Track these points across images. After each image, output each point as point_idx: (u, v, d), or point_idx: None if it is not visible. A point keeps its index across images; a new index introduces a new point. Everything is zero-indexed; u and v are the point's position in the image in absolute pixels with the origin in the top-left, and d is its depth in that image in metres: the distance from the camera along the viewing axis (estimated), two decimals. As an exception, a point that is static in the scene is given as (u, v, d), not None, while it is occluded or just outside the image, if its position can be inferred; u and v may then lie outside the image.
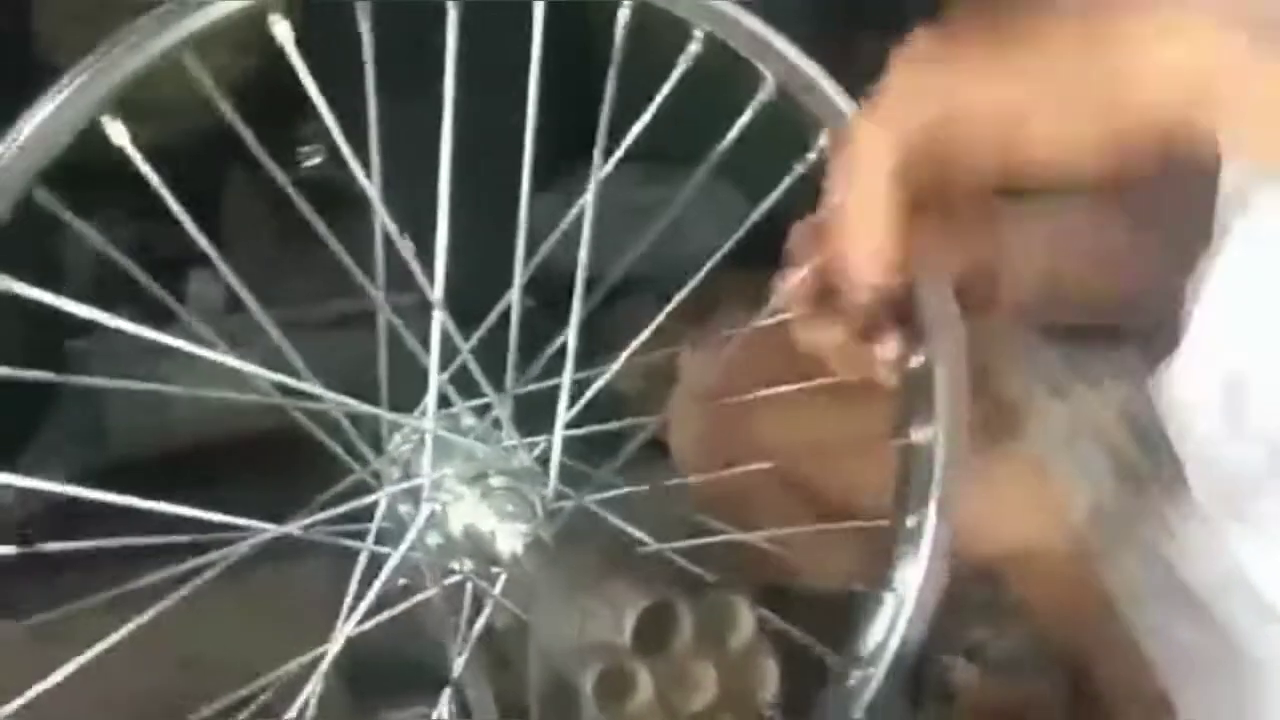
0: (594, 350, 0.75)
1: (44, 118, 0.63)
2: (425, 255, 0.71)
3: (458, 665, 0.75)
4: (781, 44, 0.71)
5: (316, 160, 1.96)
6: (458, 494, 0.71)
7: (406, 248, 0.71)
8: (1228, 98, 0.63)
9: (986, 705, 1.10)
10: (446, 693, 0.75)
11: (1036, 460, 0.95)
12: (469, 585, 0.73)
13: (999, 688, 1.09)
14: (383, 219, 0.70)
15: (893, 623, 0.79)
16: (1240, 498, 0.84)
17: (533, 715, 0.64)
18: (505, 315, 0.74)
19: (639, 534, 0.75)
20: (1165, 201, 0.91)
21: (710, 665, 0.60)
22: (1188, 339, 0.89)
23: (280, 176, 0.70)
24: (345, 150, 0.69)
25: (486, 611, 0.73)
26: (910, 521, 0.79)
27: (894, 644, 0.79)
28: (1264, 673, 0.82)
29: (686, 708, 0.60)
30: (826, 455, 0.96)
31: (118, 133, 0.64)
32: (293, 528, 0.71)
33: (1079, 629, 0.95)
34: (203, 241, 0.69)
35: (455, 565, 0.72)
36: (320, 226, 0.70)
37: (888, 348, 0.75)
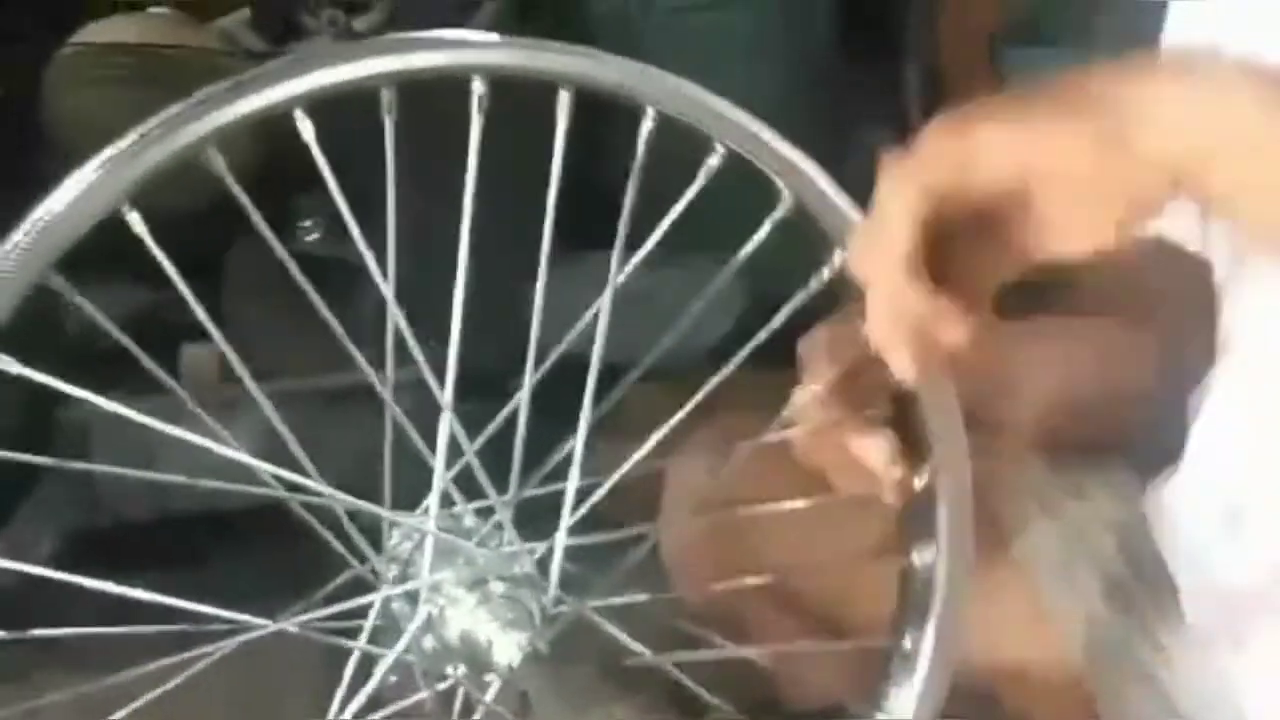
0: (592, 435, 0.75)
1: (65, 205, 0.63)
2: (421, 332, 0.71)
3: None
4: (802, 162, 0.72)
5: (316, 235, 1.96)
6: (455, 598, 0.71)
7: (416, 349, 0.71)
8: (1229, 160, 0.63)
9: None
10: None
11: (1027, 578, 0.95)
12: (461, 691, 0.73)
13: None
14: (396, 319, 0.70)
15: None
16: (1236, 622, 0.84)
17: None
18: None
19: (635, 645, 0.74)
20: (1172, 322, 0.91)
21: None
22: (1188, 459, 0.89)
23: (293, 268, 0.70)
24: (363, 249, 0.69)
25: (478, 718, 0.72)
26: (907, 643, 0.78)
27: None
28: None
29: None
30: (823, 571, 0.96)
31: (136, 223, 0.65)
32: (287, 624, 0.70)
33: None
34: (207, 322, 0.69)
35: (449, 670, 0.71)
36: (327, 314, 0.70)
37: (885, 460, 0.75)
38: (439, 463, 0.71)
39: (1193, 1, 0.93)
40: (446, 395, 0.70)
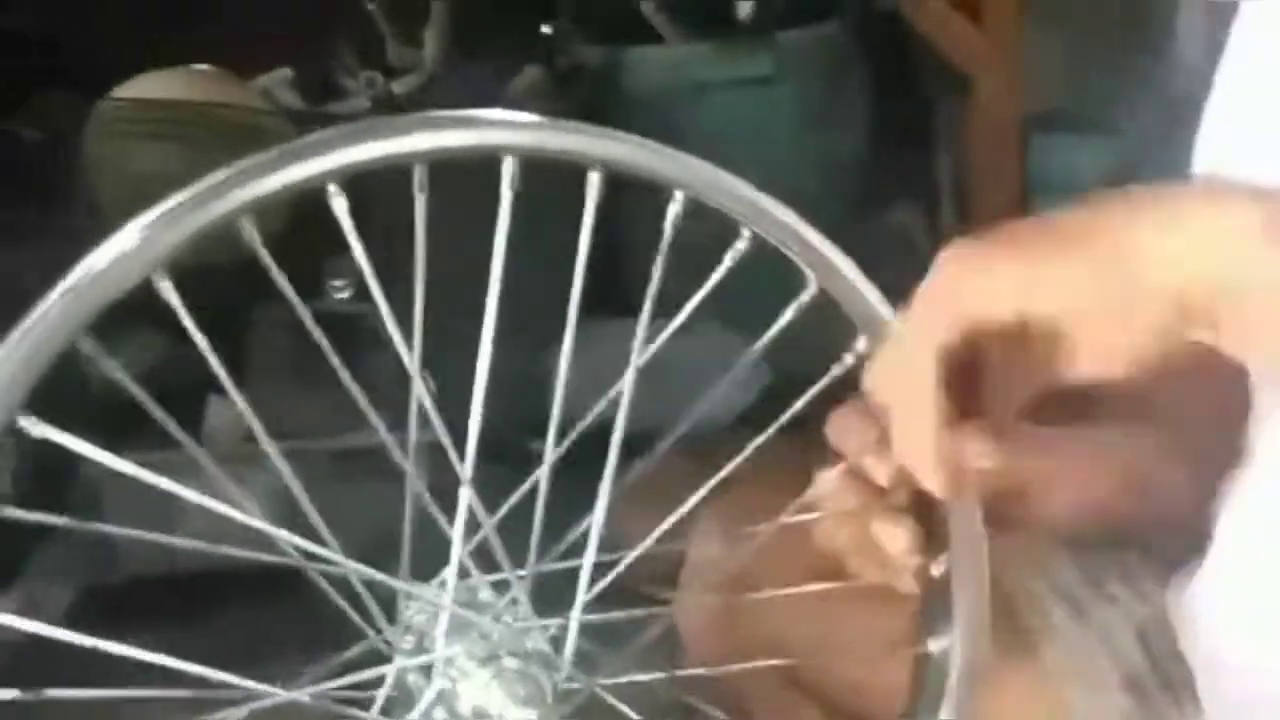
0: (612, 503, 0.74)
1: (98, 270, 0.64)
2: (442, 400, 0.71)
3: None
4: (830, 251, 0.72)
5: (348, 295, 1.97)
6: (468, 672, 0.71)
7: (437, 418, 0.71)
8: (1237, 295, 0.63)
9: None
10: None
11: (1049, 678, 0.94)
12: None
13: None
14: (420, 393, 0.71)
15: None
16: (1248, 713, 0.83)
17: None
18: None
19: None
20: (1199, 422, 0.91)
21: None
22: (1212, 559, 0.89)
23: (316, 332, 0.70)
24: (387, 318, 0.70)
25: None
26: (935, 646, 0.77)
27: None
28: None
29: None
30: (838, 658, 0.96)
31: (169, 292, 0.65)
32: (300, 693, 0.71)
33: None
34: (227, 383, 0.69)
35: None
36: (349, 381, 0.70)
37: (904, 548, 0.75)
38: (456, 536, 0.71)
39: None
40: (466, 469, 0.70)
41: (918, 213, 2.66)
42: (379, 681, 0.73)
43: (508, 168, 0.69)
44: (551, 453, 0.73)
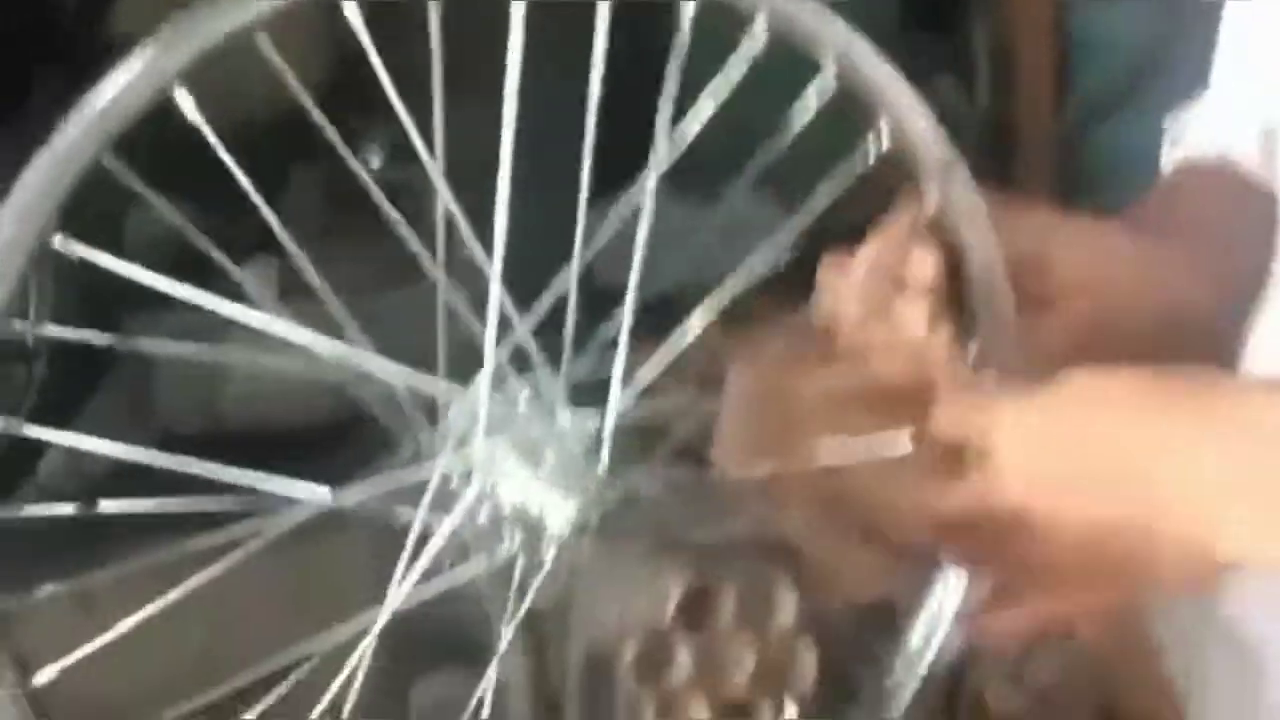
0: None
1: (118, 87, 0.65)
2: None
3: (503, 643, 0.75)
4: (843, 31, 0.72)
5: (377, 162, 1.97)
6: (508, 472, 0.72)
7: (465, 226, 0.72)
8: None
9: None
10: (491, 672, 0.75)
11: None
12: (517, 562, 0.74)
13: (1033, 714, 1.09)
14: (445, 197, 0.71)
15: (932, 627, 0.79)
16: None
17: (569, 691, 0.65)
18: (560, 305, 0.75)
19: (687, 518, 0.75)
20: (1229, 246, 0.91)
21: (749, 647, 0.61)
22: None
23: (353, 162, 0.71)
24: (410, 128, 0.70)
25: (533, 589, 0.74)
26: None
27: (933, 649, 0.79)
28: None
29: (723, 687, 0.61)
30: (870, 473, 0.96)
31: (188, 106, 0.66)
32: (345, 498, 0.72)
33: (1114, 660, 0.94)
34: (266, 211, 0.70)
35: (504, 541, 0.73)
36: (383, 203, 0.71)
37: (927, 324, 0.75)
38: (490, 335, 0.72)
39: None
40: (495, 265, 0.70)
41: (955, 84, 2.63)
42: (420, 493, 0.73)
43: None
44: (579, 256, 0.74)
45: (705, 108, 0.73)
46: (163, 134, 0.67)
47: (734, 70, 0.71)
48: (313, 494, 0.71)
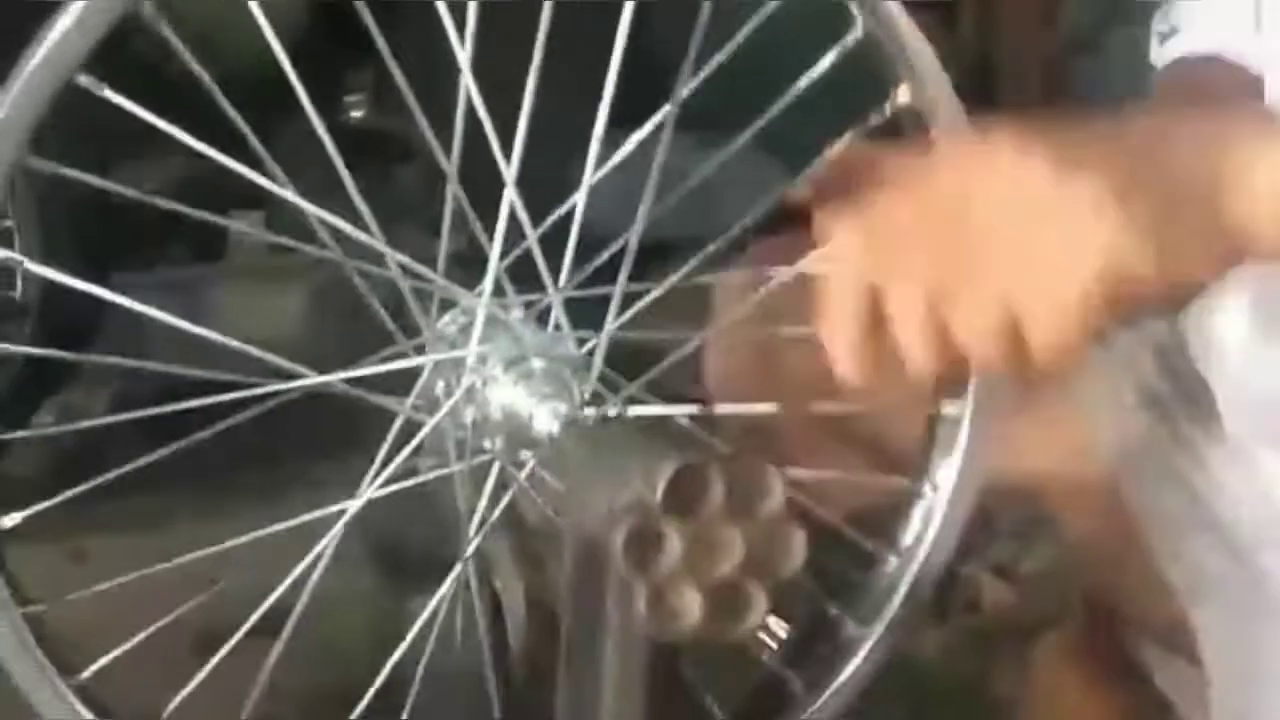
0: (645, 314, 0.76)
1: (84, 4, 0.64)
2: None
3: (471, 544, 0.76)
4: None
5: (361, 111, 1.97)
6: (498, 378, 0.73)
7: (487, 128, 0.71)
8: None
9: (1011, 620, 1.10)
10: (456, 570, 0.76)
11: (1070, 397, 0.95)
12: (495, 467, 0.74)
13: (1024, 604, 1.10)
14: (469, 88, 0.71)
15: (926, 519, 0.80)
16: (1272, 422, 0.84)
17: (562, 583, 0.65)
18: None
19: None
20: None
21: (738, 531, 0.61)
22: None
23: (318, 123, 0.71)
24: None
25: (509, 493, 0.74)
26: (950, 410, 0.80)
27: (928, 541, 0.80)
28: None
29: (713, 571, 0.61)
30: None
31: (152, 16, 0.66)
32: (334, 379, 0.72)
33: (1104, 552, 0.95)
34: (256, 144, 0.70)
35: (486, 444, 0.73)
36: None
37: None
38: (496, 241, 0.72)
39: None
40: (511, 171, 0.71)
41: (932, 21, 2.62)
42: (412, 382, 0.74)
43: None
44: (591, 175, 0.74)
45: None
46: (147, 79, 0.67)
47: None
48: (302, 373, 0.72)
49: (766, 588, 0.62)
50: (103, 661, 0.71)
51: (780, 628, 0.76)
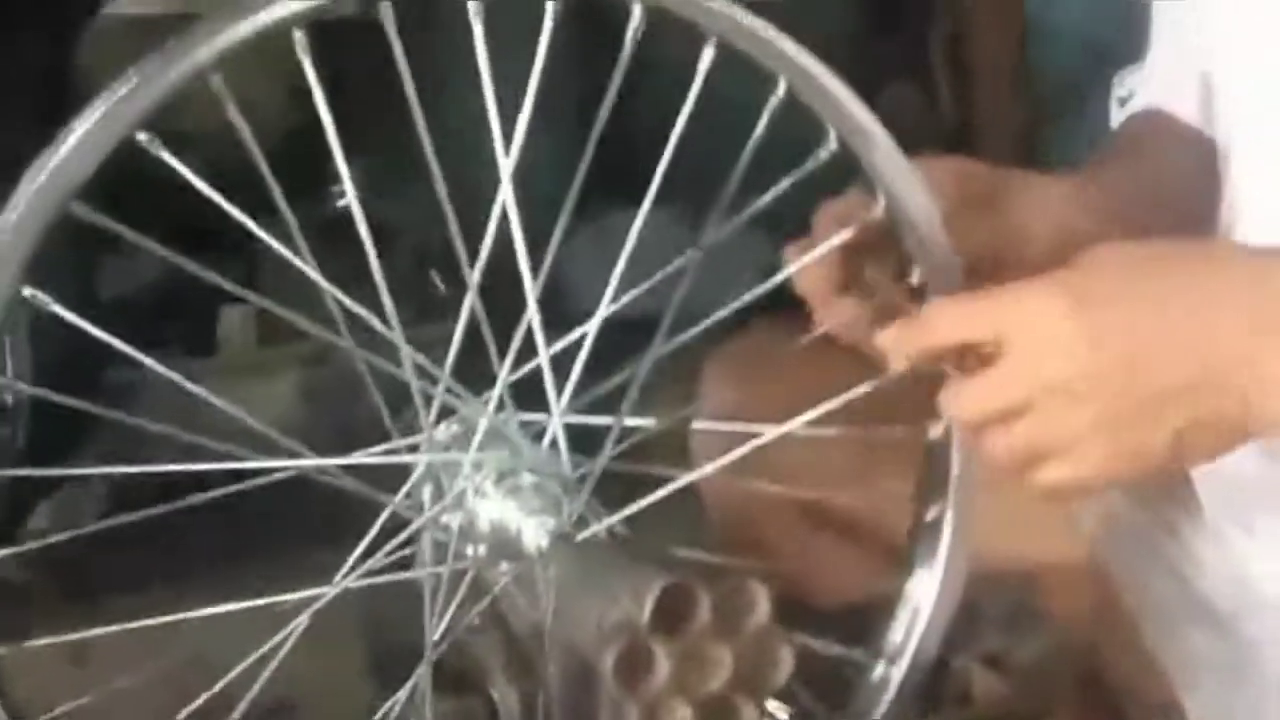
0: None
1: (81, 133, 0.66)
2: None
3: (432, 646, 0.76)
4: (790, 46, 0.74)
5: (344, 202, 1.97)
6: (486, 492, 0.74)
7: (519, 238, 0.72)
8: None
9: (1004, 711, 1.11)
10: (419, 670, 0.76)
11: None
12: (472, 572, 0.75)
13: (1016, 694, 1.10)
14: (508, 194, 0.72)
15: (912, 621, 0.81)
16: (1243, 506, 0.85)
17: (554, 697, 0.66)
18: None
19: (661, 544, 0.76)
20: (1176, 192, 0.94)
21: (726, 647, 0.62)
22: None
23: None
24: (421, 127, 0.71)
25: (487, 600, 0.75)
26: (930, 515, 0.81)
27: (914, 642, 0.81)
28: (1272, 681, 0.83)
29: (703, 687, 0.62)
30: (844, 480, 0.98)
31: (154, 146, 0.67)
32: (328, 463, 0.73)
33: (1094, 637, 0.96)
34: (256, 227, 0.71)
35: (469, 550, 0.74)
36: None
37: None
38: (508, 356, 0.73)
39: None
40: (531, 289, 0.72)
41: (913, 92, 2.65)
42: (395, 479, 0.75)
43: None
44: (606, 306, 0.76)
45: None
46: (132, 189, 0.68)
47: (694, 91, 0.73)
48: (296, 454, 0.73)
49: (756, 700, 0.63)
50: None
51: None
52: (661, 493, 0.77)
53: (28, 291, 0.68)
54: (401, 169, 0.74)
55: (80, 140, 0.66)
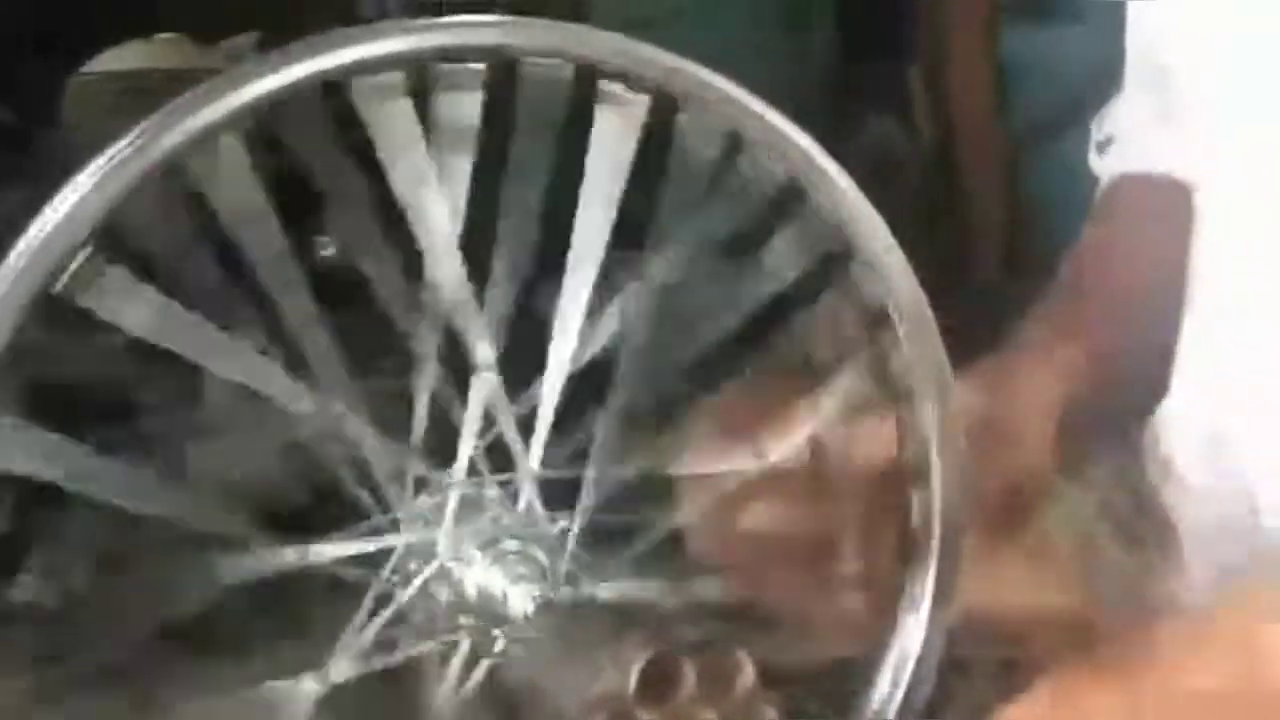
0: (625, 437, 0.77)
1: (85, 191, 0.65)
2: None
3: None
4: (737, 92, 0.74)
5: (332, 250, 1.98)
6: (470, 559, 0.74)
7: (466, 302, 0.73)
8: None
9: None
10: None
11: (1042, 534, 0.97)
12: (466, 644, 0.74)
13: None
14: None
15: (896, 679, 0.81)
16: (1229, 557, 0.86)
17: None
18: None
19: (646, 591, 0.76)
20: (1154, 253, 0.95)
21: (713, 713, 0.62)
22: (1172, 390, 0.92)
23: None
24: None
25: (479, 671, 0.74)
26: (911, 574, 0.81)
27: (898, 700, 0.80)
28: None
29: (690, 756, 0.62)
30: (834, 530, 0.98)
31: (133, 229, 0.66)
32: (307, 556, 0.72)
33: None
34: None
35: (460, 620, 0.74)
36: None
37: None
38: (470, 422, 0.73)
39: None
40: (483, 353, 0.72)
41: (893, 124, 2.66)
42: (383, 561, 0.74)
43: (477, 69, 0.70)
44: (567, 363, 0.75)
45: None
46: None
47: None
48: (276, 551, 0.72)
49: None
50: None
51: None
52: (643, 544, 0.77)
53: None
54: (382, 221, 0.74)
55: (86, 196, 0.65)
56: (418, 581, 0.72)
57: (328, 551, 0.72)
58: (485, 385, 0.73)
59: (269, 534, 0.72)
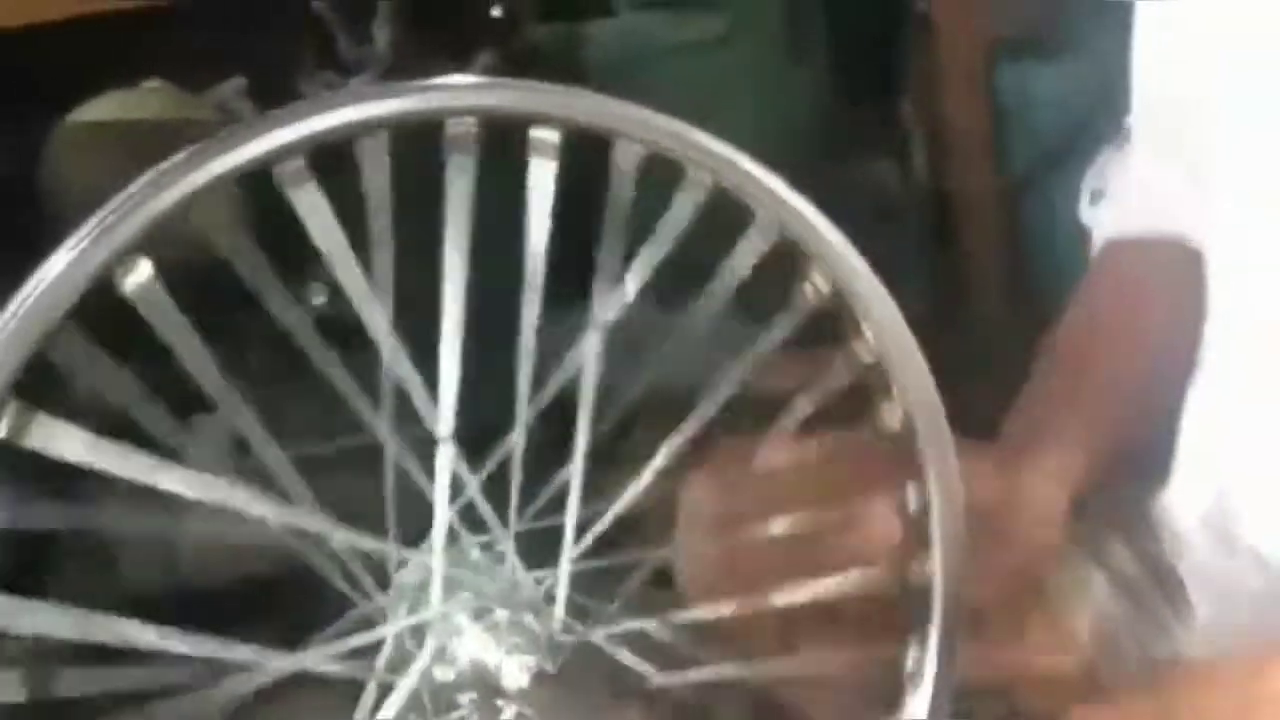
0: (609, 480, 0.75)
1: (71, 260, 0.63)
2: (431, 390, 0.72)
3: None
4: (714, 144, 0.72)
5: (323, 299, 1.97)
6: (462, 629, 0.72)
7: (414, 380, 0.71)
8: None
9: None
10: None
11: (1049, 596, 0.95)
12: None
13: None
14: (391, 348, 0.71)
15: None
16: (1239, 619, 0.85)
17: None
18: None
19: (642, 667, 0.75)
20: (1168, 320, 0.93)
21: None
22: (1178, 458, 0.90)
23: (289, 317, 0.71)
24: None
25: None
26: (913, 649, 0.79)
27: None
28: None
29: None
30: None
31: (137, 284, 0.65)
32: (302, 660, 0.70)
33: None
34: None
35: (461, 699, 0.72)
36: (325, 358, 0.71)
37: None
38: (440, 495, 0.71)
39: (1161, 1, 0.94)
40: (443, 427, 0.71)
41: (890, 164, 2.66)
42: (375, 651, 0.73)
43: (458, 129, 0.68)
44: (524, 414, 0.73)
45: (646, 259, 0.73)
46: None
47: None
48: (270, 658, 0.70)
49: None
50: None
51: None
52: (633, 580, 0.76)
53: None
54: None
55: (71, 264, 0.63)
56: (417, 667, 0.71)
57: (321, 654, 0.71)
58: (446, 456, 0.71)
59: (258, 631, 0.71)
